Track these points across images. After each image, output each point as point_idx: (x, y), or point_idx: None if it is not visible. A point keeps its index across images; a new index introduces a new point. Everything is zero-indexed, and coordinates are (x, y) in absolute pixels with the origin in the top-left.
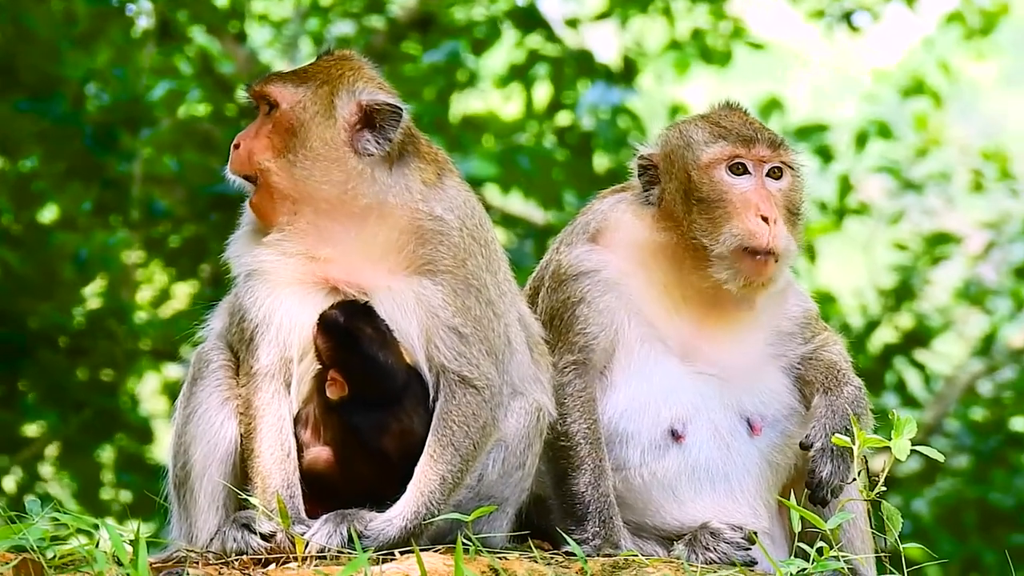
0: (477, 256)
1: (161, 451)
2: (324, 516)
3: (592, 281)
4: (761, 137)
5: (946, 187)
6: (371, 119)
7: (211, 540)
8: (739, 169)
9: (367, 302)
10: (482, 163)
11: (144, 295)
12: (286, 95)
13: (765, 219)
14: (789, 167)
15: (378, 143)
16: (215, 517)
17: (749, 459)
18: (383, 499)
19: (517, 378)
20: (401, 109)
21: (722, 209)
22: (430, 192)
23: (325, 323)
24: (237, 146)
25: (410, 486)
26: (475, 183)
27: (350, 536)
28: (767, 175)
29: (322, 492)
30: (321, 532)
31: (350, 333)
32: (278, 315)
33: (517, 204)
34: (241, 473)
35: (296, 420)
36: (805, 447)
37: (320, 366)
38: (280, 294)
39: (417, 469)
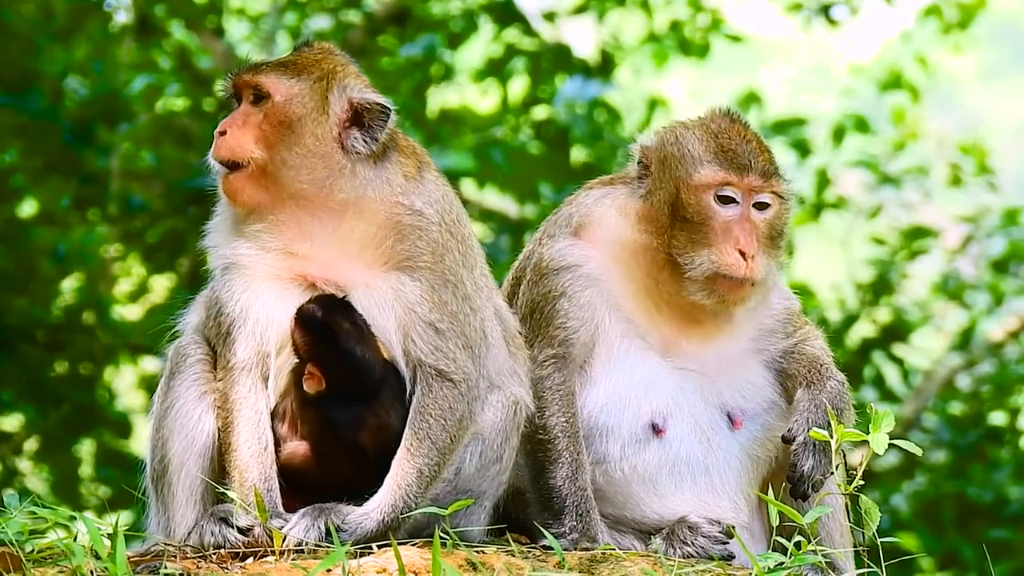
0: (455, 252)
1: (139, 445)
2: (302, 510)
3: (573, 276)
4: (755, 165)
5: (924, 181)
6: (360, 117)
7: (189, 534)
8: (727, 198)
9: (345, 296)
10: (459, 157)
11: (122, 289)
12: (281, 88)
13: (743, 253)
14: (778, 196)
15: (365, 141)
16: (193, 511)
17: (730, 453)
18: (360, 493)
19: (494, 372)
20: (390, 109)
21: (703, 233)
22: (410, 186)
23: (303, 317)
24: (223, 132)
25: (387, 479)
26: (451, 177)
27: (328, 530)
28: (754, 205)
29: (300, 486)
30: (299, 526)
31: (328, 327)
32: (255, 310)
33: (493, 198)
34: (219, 467)
35: (273, 414)
36: (787, 441)
37: (297, 360)
38: (257, 289)
39: (394, 462)
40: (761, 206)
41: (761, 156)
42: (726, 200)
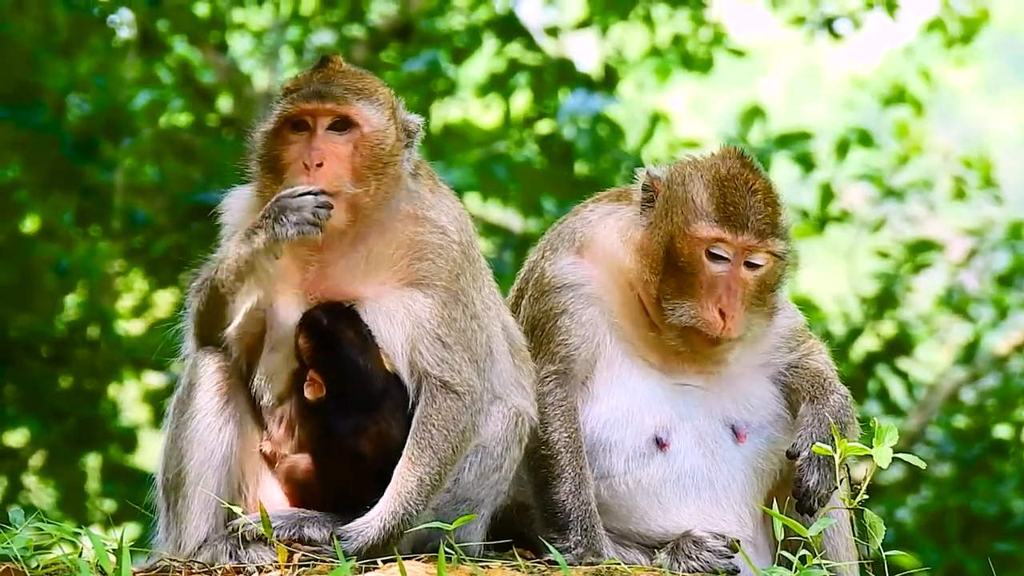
0: (467, 273)
1: (144, 460)
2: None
3: (576, 294)
4: (752, 224)
5: (928, 194)
6: (408, 131)
7: (199, 548)
8: (718, 256)
9: (351, 305)
10: (462, 173)
11: (125, 304)
12: (370, 119)
13: (723, 313)
14: (773, 255)
15: (407, 151)
16: (206, 525)
17: (734, 466)
18: (360, 504)
19: (498, 384)
20: (420, 121)
21: (688, 284)
22: (435, 200)
23: (307, 323)
24: (320, 164)
25: (389, 488)
26: (455, 190)
27: (331, 536)
28: (745, 263)
29: (300, 498)
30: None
31: (332, 334)
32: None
33: (496, 212)
34: (236, 482)
35: (271, 416)
36: (792, 456)
37: (299, 366)
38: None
39: (396, 471)
40: (752, 266)
41: (762, 212)
42: (717, 258)
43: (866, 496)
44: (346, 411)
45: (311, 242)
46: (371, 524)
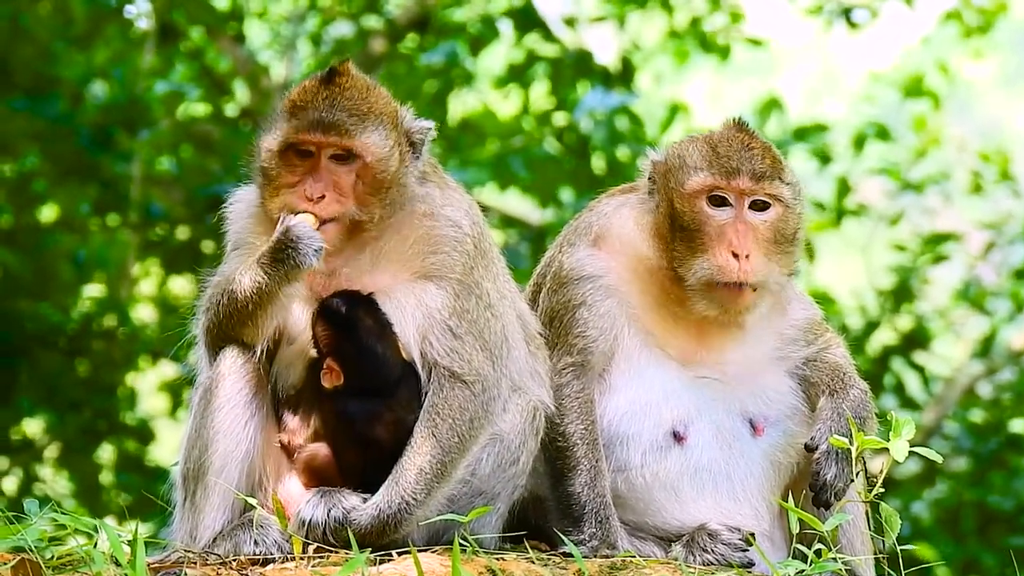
0: (480, 266)
1: (160, 452)
2: (311, 491)
3: (594, 286)
4: (745, 169)
5: (945, 185)
6: (414, 145)
7: (214, 539)
8: (718, 200)
9: (370, 294)
10: (478, 172)
11: (142, 292)
12: (370, 148)
13: (737, 255)
14: (777, 199)
15: (414, 160)
16: (223, 516)
17: (751, 459)
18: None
19: (515, 373)
20: (430, 127)
21: (698, 240)
22: (445, 198)
23: (325, 311)
24: (321, 197)
25: (389, 477)
26: (470, 188)
27: (330, 512)
28: (750, 207)
29: (319, 485)
30: (307, 507)
31: (349, 321)
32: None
33: (514, 203)
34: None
35: (286, 405)
36: (810, 449)
37: (317, 355)
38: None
39: (399, 460)
40: (760, 207)
41: (758, 160)
42: (718, 202)
43: (882, 490)
44: (363, 398)
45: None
46: (365, 511)
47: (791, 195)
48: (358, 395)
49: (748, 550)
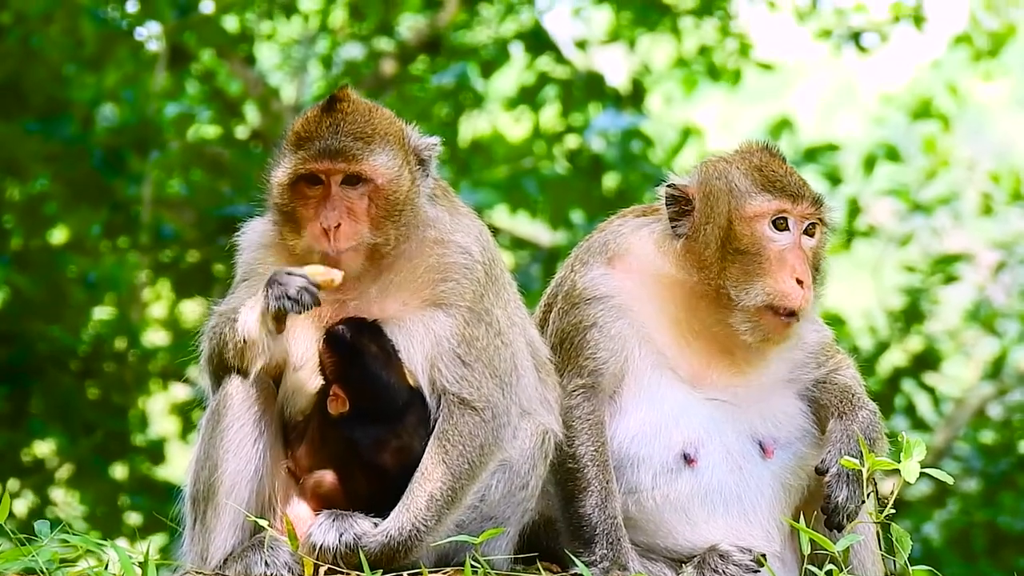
0: (490, 293)
1: (170, 472)
2: (322, 513)
3: (605, 306)
4: (807, 194)
5: (955, 205)
6: (423, 163)
7: (225, 560)
8: (782, 224)
9: (375, 321)
10: (488, 194)
11: (153, 317)
12: (380, 171)
13: (800, 281)
14: (824, 224)
15: (424, 178)
16: (233, 537)
17: (762, 481)
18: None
19: (525, 400)
20: (436, 142)
21: (757, 264)
22: (455, 223)
23: (331, 338)
24: (337, 226)
25: (399, 503)
26: (481, 210)
27: (341, 537)
28: (804, 233)
29: (325, 508)
30: (319, 530)
31: (355, 349)
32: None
33: (525, 225)
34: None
35: (294, 431)
36: (821, 472)
37: (323, 381)
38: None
39: (409, 486)
40: (809, 231)
41: (807, 186)
42: (781, 226)
43: (893, 511)
44: (368, 425)
45: (296, 313)
46: (375, 538)
47: (833, 218)
48: (364, 422)
49: (759, 571)
